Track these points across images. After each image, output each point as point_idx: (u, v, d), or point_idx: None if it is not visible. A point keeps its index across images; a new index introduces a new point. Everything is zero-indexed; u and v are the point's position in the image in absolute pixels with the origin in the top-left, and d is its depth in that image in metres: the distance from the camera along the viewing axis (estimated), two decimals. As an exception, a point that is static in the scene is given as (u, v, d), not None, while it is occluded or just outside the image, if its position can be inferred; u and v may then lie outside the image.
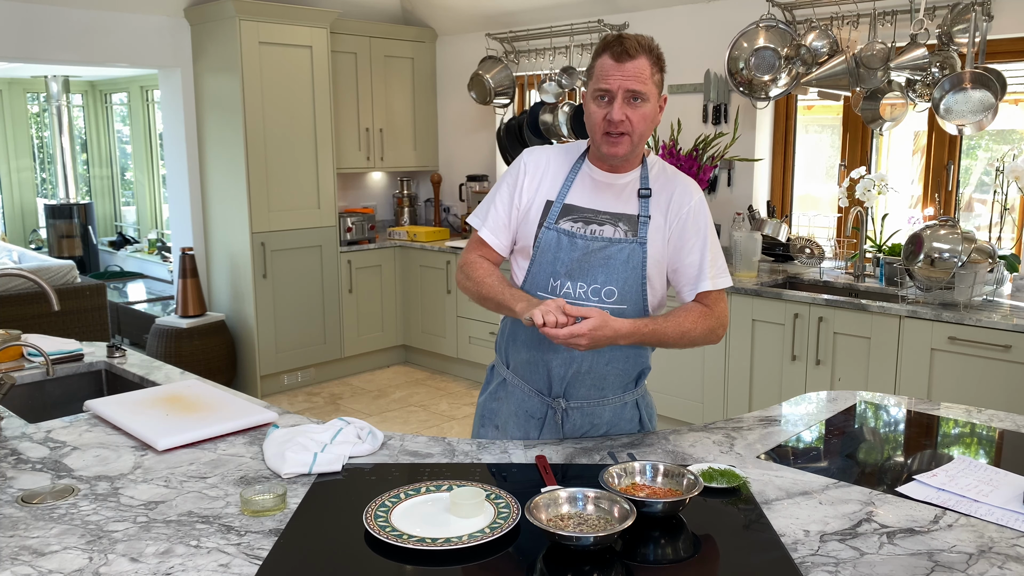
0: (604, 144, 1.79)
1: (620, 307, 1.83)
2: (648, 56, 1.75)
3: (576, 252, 1.82)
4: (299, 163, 5.13)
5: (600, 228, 1.84)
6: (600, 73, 1.77)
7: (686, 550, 1.38)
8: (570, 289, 1.83)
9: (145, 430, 1.84)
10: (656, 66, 1.77)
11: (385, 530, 1.38)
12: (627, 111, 1.75)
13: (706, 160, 4.14)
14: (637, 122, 1.76)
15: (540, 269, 1.86)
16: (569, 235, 1.83)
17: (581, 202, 1.86)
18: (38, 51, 4.60)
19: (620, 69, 1.73)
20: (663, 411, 4.25)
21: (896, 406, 2.15)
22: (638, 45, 1.75)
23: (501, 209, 1.92)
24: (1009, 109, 3.85)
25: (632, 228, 1.84)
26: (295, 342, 5.27)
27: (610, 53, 1.75)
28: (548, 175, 1.89)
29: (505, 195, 1.92)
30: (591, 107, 1.79)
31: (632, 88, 1.73)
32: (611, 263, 1.82)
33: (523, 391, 1.96)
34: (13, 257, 6.20)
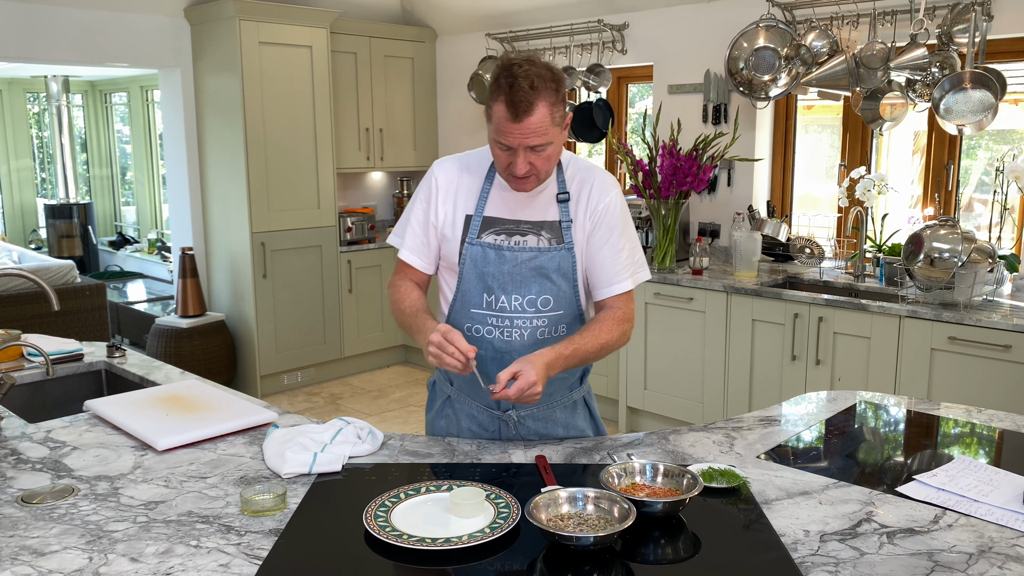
0: (511, 184, 1.76)
1: (557, 313, 1.83)
2: (546, 100, 1.64)
3: (505, 265, 1.79)
4: (299, 163, 5.13)
5: (523, 238, 1.80)
6: (498, 126, 1.68)
7: (686, 550, 1.38)
8: (505, 303, 1.80)
9: (145, 430, 1.84)
10: (556, 103, 1.66)
11: (385, 530, 1.38)
12: (531, 158, 1.69)
13: (706, 160, 4.14)
14: (542, 165, 1.71)
15: (470, 285, 1.82)
16: (496, 248, 1.79)
17: (500, 213, 1.82)
18: (38, 51, 4.60)
19: (519, 128, 1.64)
20: (663, 411, 4.26)
21: (896, 406, 2.15)
22: (532, 91, 1.62)
23: (418, 228, 1.87)
24: (1009, 109, 3.85)
25: (555, 235, 1.81)
26: (295, 342, 5.27)
27: (506, 105, 1.64)
28: (462, 188, 1.84)
29: (420, 213, 1.87)
30: (494, 149, 1.73)
31: (532, 143, 1.66)
32: (543, 272, 1.80)
33: (471, 406, 1.93)
34: (13, 257, 6.20)
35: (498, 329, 1.82)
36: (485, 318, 1.83)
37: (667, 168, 4.13)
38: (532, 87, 1.62)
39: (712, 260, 4.53)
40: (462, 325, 1.85)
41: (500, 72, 1.66)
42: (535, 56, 1.71)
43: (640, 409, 4.38)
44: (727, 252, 4.51)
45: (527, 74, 1.63)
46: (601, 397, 4.50)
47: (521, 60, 1.67)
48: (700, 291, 4.00)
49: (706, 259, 4.22)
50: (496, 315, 1.82)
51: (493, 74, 1.69)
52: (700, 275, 4.11)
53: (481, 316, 1.83)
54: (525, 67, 1.64)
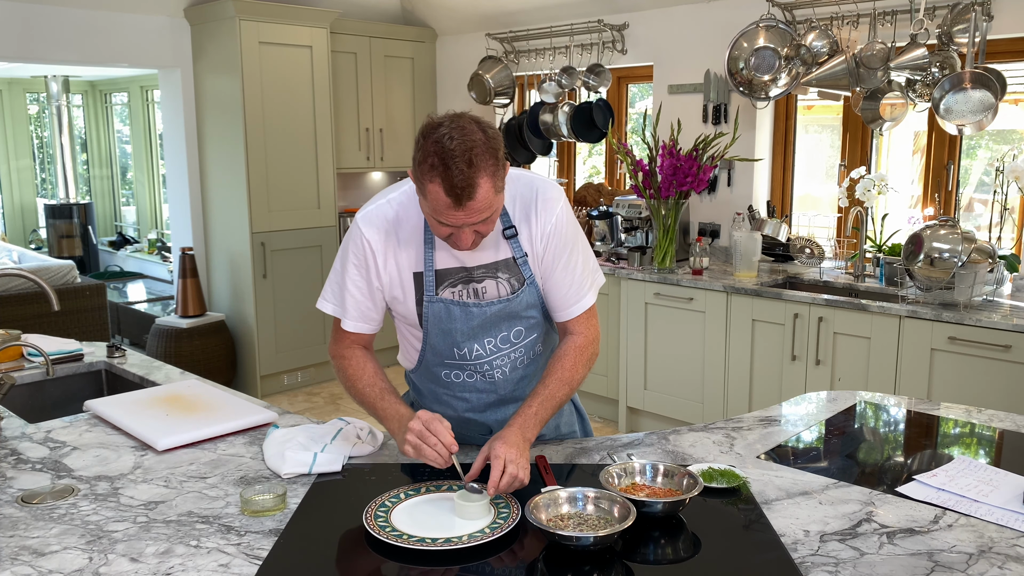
0: (451, 245, 1.58)
1: (530, 338, 1.76)
2: (487, 174, 1.46)
3: (474, 320, 1.68)
4: (299, 163, 5.13)
5: (480, 285, 1.68)
6: (436, 207, 1.48)
7: (686, 550, 1.38)
8: (480, 349, 1.72)
9: (145, 430, 1.84)
10: (498, 171, 1.49)
11: (385, 530, 1.38)
12: (477, 228, 1.53)
13: (706, 160, 4.14)
14: (487, 229, 1.55)
15: (439, 340, 1.71)
16: (461, 305, 1.67)
17: (450, 263, 1.67)
18: (38, 51, 4.60)
19: (463, 211, 1.47)
20: (663, 411, 4.26)
21: (896, 406, 2.15)
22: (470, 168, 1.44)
23: (359, 295, 1.72)
24: (1009, 109, 3.85)
25: (513, 274, 1.69)
26: (295, 342, 5.27)
27: (445, 192, 1.45)
28: (400, 245, 1.67)
29: (360, 280, 1.70)
30: (430, 220, 1.54)
31: (475, 221, 1.50)
32: (512, 313, 1.71)
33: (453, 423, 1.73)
34: (13, 257, 6.20)
35: (478, 373, 1.76)
36: (463, 365, 1.75)
37: (667, 168, 4.13)
38: (470, 164, 1.44)
39: (712, 260, 4.53)
40: (439, 372, 1.78)
41: (430, 146, 1.45)
42: (463, 117, 1.51)
43: (640, 409, 4.37)
44: (727, 252, 4.51)
45: (462, 148, 1.44)
46: (601, 397, 4.50)
47: (450, 128, 1.46)
48: (700, 291, 4.00)
49: (706, 259, 4.22)
50: (473, 363, 1.74)
51: (421, 147, 1.47)
52: (700, 275, 4.11)
53: (457, 364, 1.75)
54: (458, 138, 1.44)
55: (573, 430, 1.98)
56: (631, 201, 4.61)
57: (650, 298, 4.20)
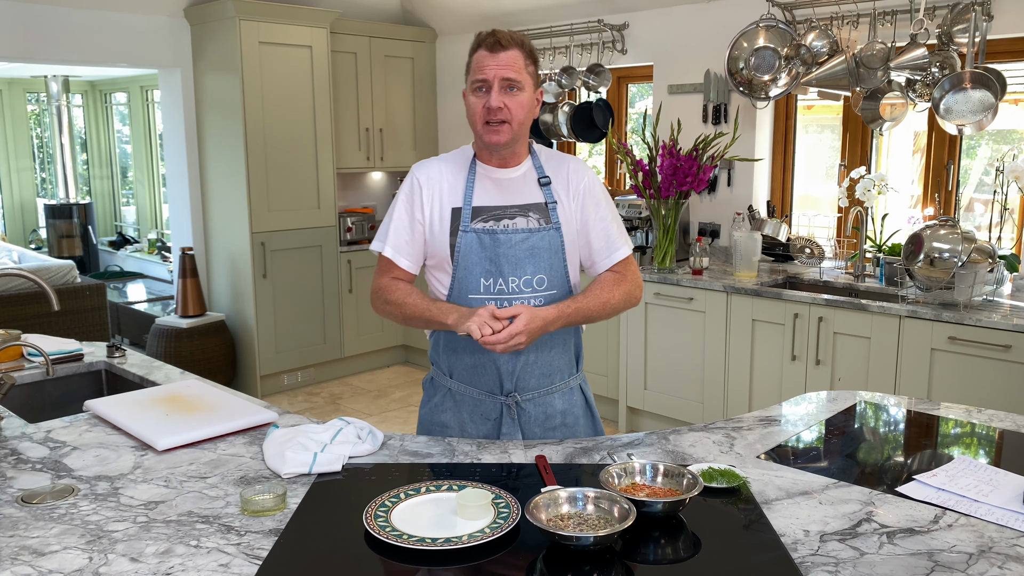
0: (486, 133, 1.85)
1: (551, 292, 1.91)
2: (521, 49, 1.84)
3: (500, 248, 1.87)
4: (299, 163, 5.13)
5: (512, 222, 1.89)
6: (476, 66, 1.85)
7: (686, 550, 1.38)
8: (503, 285, 1.88)
9: (145, 430, 1.84)
10: (529, 58, 1.86)
11: (385, 530, 1.38)
12: (504, 99, 1.82)
13: (706, 160, 4.13)
14: (515, 110, 1.83)
15: (467, 273, 1.88)
16: (489, 233, 1.87)
17: (487, 202, 1.90)
18: (38, 51, 4.60)
19: (494, 59, 1.81)
20: (663, 411, 4.26)
21: (896, 406, 2.15)
22: (511, 38, 1.83)
23: (403, 228, 1.93)
24: (1009, 109, 3.85)
25: (543, 216, 1.90)
26: (295, 342, 5.27)
27: (484, 46, 1.83)
28: (445, 184, 1.92)
29: (404, 214, 1.94)
30: (470, 99, 1.87)
31: (507, 76, 1.81)
32: (536, 252, 1.88)
33: (474, 396, 1.96)
34: (13, 257, 6.20)
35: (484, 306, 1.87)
36: (484, 302, 1.87)
37: (667, 168, 4.13)
38: (511, 35, 1.84)
39: (712, 260, 4.53)
40: None
41: (481, 33, 1.87)
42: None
43: (640, 409, 4.37)
44: (727, 252, 4.51)
45: (508, 32, 1.86)
46: (601, 397, 4.50)
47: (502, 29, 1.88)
48: (700, 291, 4.00)
49: (706, 259, 4.22)
50: (496, 298, 1.88)
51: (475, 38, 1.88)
52: (700, 275, 4.11)
53: (480, 301, 1.88)
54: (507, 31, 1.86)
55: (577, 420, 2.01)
56: (631, 201, 4.60)
57: (650, 298, 4.20)
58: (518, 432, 1.95)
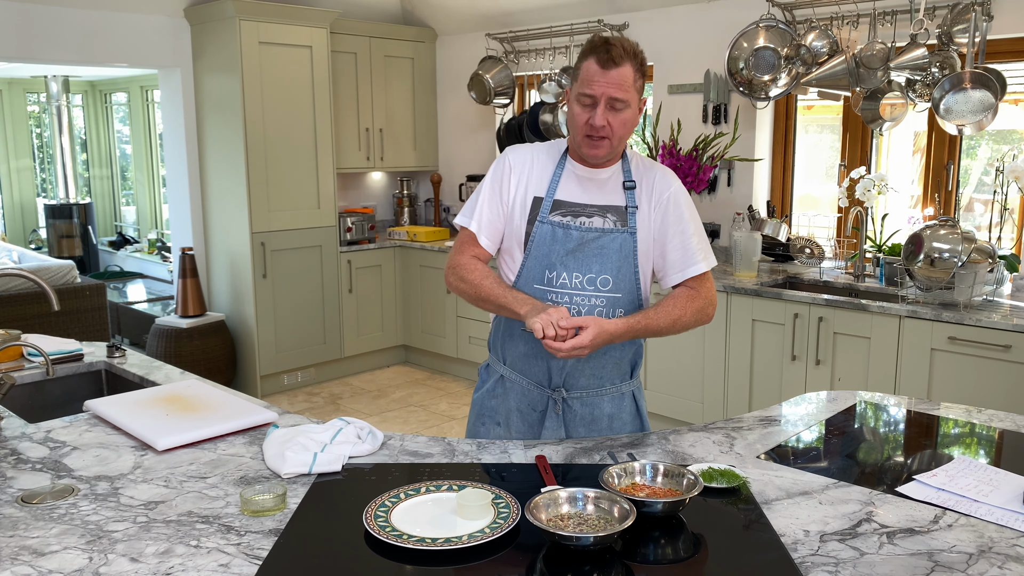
0: (585, 145, 1.85)
1: (615, 295, 1.91)
2: (633, 63, 1.80)
3: (571, 243, 1.88)
4: (299, 163, 5.13)
5: (589, 220, 1.90)
6: (585, 77, 1.81)
7: (686, 550, 1.38)
8: (566, 279, 1.89)
9: (145, 430, 1.84)
10: (639, 72, 1.82)
11: (385, 530, 1.38)
12: (609, 117, 1.80)
13: (706, 160, 4.13)
14: (618, 127, 1.82)
15: (536, 262, 1.90)
16: (564, 227, 1.89)
17: (569, 197, 1.92)
18: (38, 51, 4.60)
19: (605, 76, 1.78)
20: (663, 411, 4.26)
21: (896, 406, 2.15)
22: (623, 52, 1.79)
23: (490, 207, 1.95)
24: (1009, 109, 3.85)
25: (621, 218, 1.91)
26: (295, 342, 5.27)
27: (596, 59, 1.79)
28: (534, 172, 1.94)
29: (493, 194, 1.95)
30: (575, 108, 1.85)
31: (615, 96, 1.78)
32: (605, 252, 1.89)
33: (523, 385, 1.99)
34: (13, 257, 6.20)
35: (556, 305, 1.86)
36: (545, 294, 1.89)
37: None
38: (624, 49, 1.80)
39: (712, 260, 4.52)
40: None
41: (596, 39, 1.82)
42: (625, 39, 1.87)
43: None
44: (727, 252, 4.51)
45: (619, 42, 1.81)
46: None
47: (616, 36, 1.85)
48: (700, 291, 3.99)
49: (706, 259, 4.21)
50: (556, 291, 1.89)
51: (588, 42, 1.84)
52: (700, 275, 4.11)
53: (541, 292, 1.90)
54: (618, 39, 1.83)
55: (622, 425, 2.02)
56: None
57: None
58: (561, 429, 1.96)
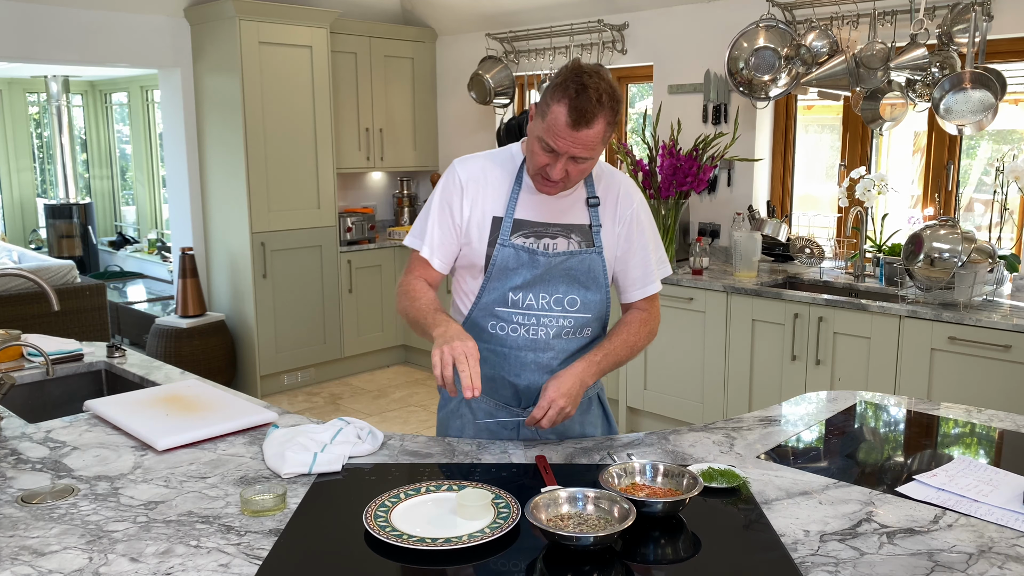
0: (537, 183, 1.76)
1: (584, 315, 1.85)
2: (606, 116, 1.64)
3: (537, 269, 1.80)
4: (299, 163, 5.13)
5: (553, 241, 1.81)
6: (552, 126, 1.64)
7: (686, 550, 1.38)
8: (532, 301, 1.82)
9: (145, 430, 1.84)
10: (611, 123, 1.67)
11: (385, 530, 1.38)
12: (569, 166, 1.69)
13: (706, 160, 4.13)
14: (575, 176, 1.72)
15: (498, 284, 1.82)
16: (529, 252, 1.79)
17: (530, 216, 1.81)
18: (38, 51, 4.60)
19: (572, 136, 1.63)
20: (663, 411, 4.26)
21: (896, 406, 2.15)
22: (599, 104, 1.62)
23: (441, 228, 1.84)
24: (1009, 109, 3.85)
25: (586, 238, 1.83)
26: (295, 342, 5.27)
27: (568, 111, 1.61)
28: (489, 190, 1.82)
29: (444, 214, 1.83)
30: (534, 145, 1.71)
31: (579, 155, 1.66)
32: (572, 274, 1.82)
33: (489, 407, 1.92)
34: (13, 257, 6.20)
35: (523, 327, 1.83)
36: (511, 316, 1.83)
37: (667, 168, 4.13)
38: (599, 101, 1.62)
39: (712, 260, 4.53)
40: (485, 324, 1.85)
41: (569, 76, 1.64)
42: (604, 69, 1.69)
43: (640, 409, 4.38)
44: (727, 252, 4.51)
45: (596, 87, 1.62)
46: (601, 397, 4.50)
47: (593, 70, 1.65)
48: (700, 291, 4.00)
49: (706, 259, 4.22)
50: (523, 312, 1.83)
51: (560, 75, 1.66)
52: (700, 275, 4.11)
53: (507, 314, 1.83)
54: (595, 79, 1.62)
55: (594, 432, 1.99)
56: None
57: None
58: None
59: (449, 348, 1.61)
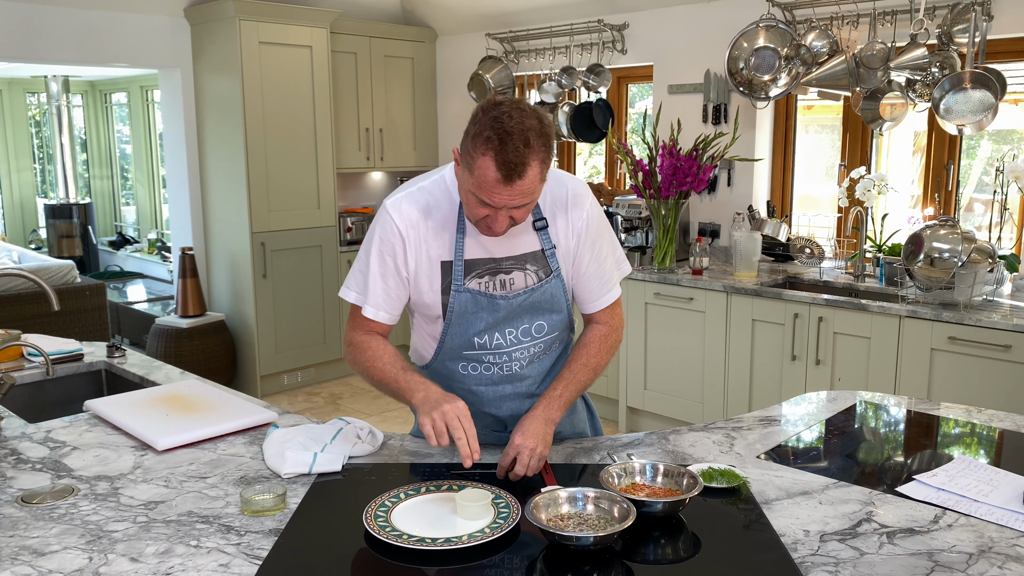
0: (480, 229, 1.61)
1: (550, 336, 1.79)
2: (538, 156, 1.49)
3: (499, 312, 1.69)
4: (299, 163, 5.13)
5: (508, 277, 1.70)
6: (482, 183, 1.49)
7: (686, 550, 1.38)
8: (500, 339, 1.73)
9: (145, 430, 1.84)
10: (546, 159, 1.52)
11: (385, 530, 1.38)
12: (513, 214, 1.55)
13: (706, 160, 4.13)
14: (522, 217, 1.58)
15: (460, 331, 1.71)
16: (487, 296, 1.68)
17: (479, 254, 1.68)
18: (38, 51, 4.60)
19: (508, 191, 1.49)
20: (663, 411, 4.26)
21: (896, 406, 2.15)
22: (527, 150, 1.46)
23: (383, 281, 1.69)
24: (1009, 109, 3.85)
25: (542, 266, 1.72)
26: (295, 342, 5.27)
27: (496, 167, 1.46)
28: (430, 234, 1.67)
29: (385, 268, 1.69)
30: (469, 199, 1.55)
31: (520, 203, 1.53)
32: (536, 306, 1.73)
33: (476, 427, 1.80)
34: (13, 257, 6.20)
35: (496, 365, 1.77)
36: (480, 356, 1.75)
37: (667, 168, 4.13)
38: (527, 145, 1.46)
39: (712, 260, 4.53)
40: (455, 366, 1.78)
41: (489, 122, 1.47)
42: (523, 101, 1.53)
43: (640, 409, 4.37)
44: (727, 252, 4.51)
45: (520, 129, 1.46)
46: (601, 397, 4.50)
47: (510, 108, 1.48)
48: (700, 291, 4.00)
49: (706, 259, 4.22)
50: (492, 352, 1.75)
51: (478, 121, 1.49)
52: (700, 275, 4.11)
53: (475, 355, 1.75)
54: (516, 118, 1.46)
55: (584, 429, 1.98)
56: (631, 201, 4.60)
57: (650, 298, 4.20)
58: None
59: (440, 414, 1.55)
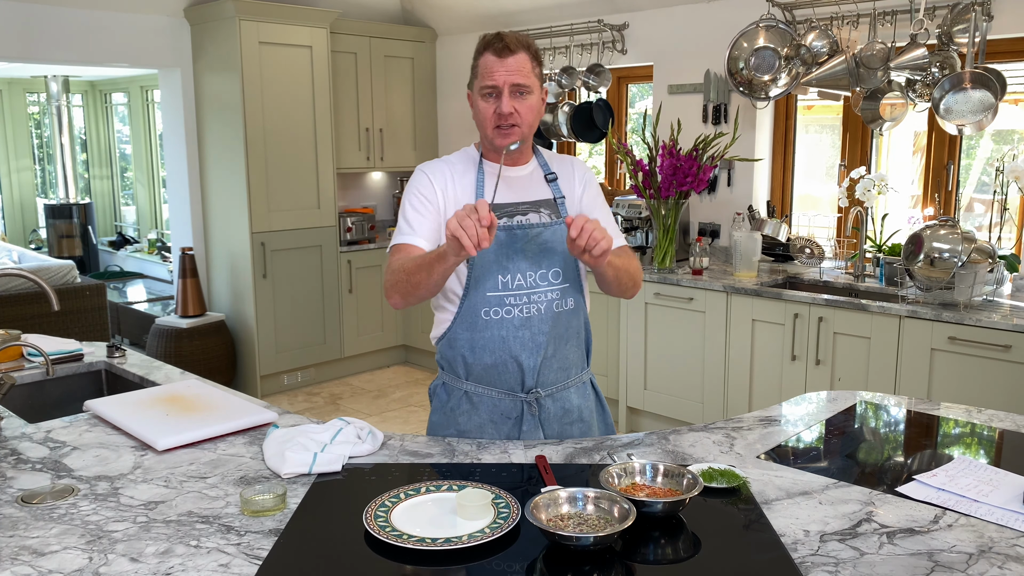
0: (496, 137, 1.87)
1: (565, 285, 1.93)
2: (527, 51, 1.85)
3: (517, 244, 1.88)
4: (299, 163, 5.13)
5: (525, 218, 1.91)
6: (485, 71, 1.85)
7: (686, 550, 1.38)
8: (521, 280, 1.89)
9: (145, 430, 1.84)
10: (535, 60, 1.88)
11: (385, 530, 1.38)
12: (515, 103, 1.84)
13: (706, 160, 4.13)
14: (525, 113, 1.86)
15: (484, 271, 1.87)
16: (506, 229, 1.88)
17: (499, 199, 1.90)
18: (38, 51, 4.60)
19: (503, 65, 1.82)
20: (663, 411, 4.26)
21: (896, 406, 2.15)
22: (517, 41, 1.84)
23: (423, 215, 1.89)
24: (1009, 109, 3.85)
25: (553, 211, 1.94)
26: (295, 342, 5.27)
27: (491, 50, 1.83)
28: (455, 180, 1.93)
29: (421, 203, 1.90)
30: (480, 104, 1.87)
31: (517, 82, 1.83)
32: (549, 246, 1.90)
33: (493, 397, 1.94)
34: (13, 257, 6.20)
35: (516, 308, 1.88)
36: (502, 299, 1.88)
37: (667, 168, 4.13)
38: (516, 39, 1.85)
39: (712, 260, 4.53)
40: (479, 311, 1.89)
41: (486, 35, 1.88)
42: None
43: (640, 409, 4.38)
44: (727, 252, 4.51)
45: (513, 34, 1.87)
46: (601, 397, 4.50)
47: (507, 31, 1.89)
48: (700, 291, 4.00)
49: (706, 259, 4.22)
50: (514, 294, 1.88)
51: (480, 41, 1.88)
52: (700, 275, 4.11)
53: (498, 298, 1.88)
54: (511, 33, 1.87)
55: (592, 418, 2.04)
56: (631, 201, 4.61)
57: (650, 298, 4.20)
58: (539, 430, 1.94)
59: (455, 218, 1.59)
